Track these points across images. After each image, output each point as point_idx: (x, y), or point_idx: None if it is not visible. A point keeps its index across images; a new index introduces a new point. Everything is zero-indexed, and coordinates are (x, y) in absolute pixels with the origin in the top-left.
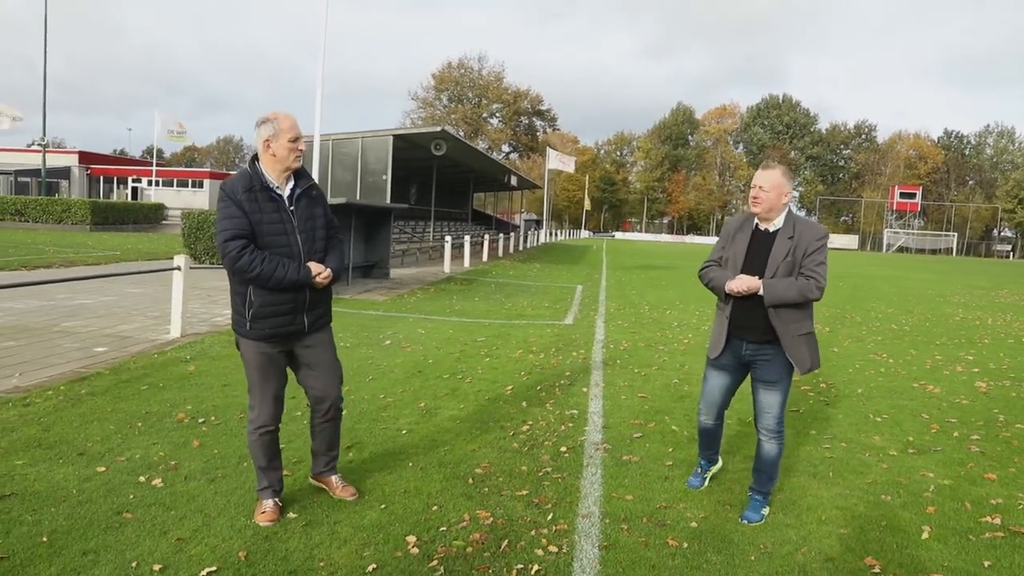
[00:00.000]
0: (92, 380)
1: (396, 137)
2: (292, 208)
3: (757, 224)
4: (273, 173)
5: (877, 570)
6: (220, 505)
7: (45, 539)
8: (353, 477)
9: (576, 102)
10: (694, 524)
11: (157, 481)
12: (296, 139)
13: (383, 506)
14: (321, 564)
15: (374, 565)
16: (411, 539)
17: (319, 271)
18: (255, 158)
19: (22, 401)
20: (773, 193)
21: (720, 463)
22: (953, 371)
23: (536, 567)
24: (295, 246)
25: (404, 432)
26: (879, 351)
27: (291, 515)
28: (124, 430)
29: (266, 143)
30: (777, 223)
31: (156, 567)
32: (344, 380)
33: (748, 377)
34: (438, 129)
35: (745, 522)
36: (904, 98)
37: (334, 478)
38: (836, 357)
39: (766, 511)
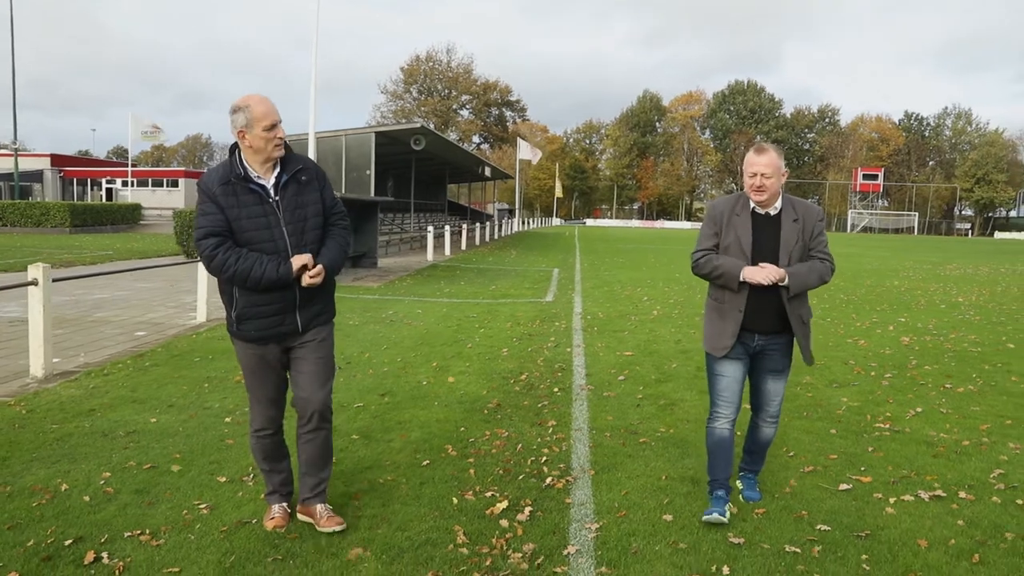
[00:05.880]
0: (149, 356)
1: (378, 134)
2: (276, 199)
3: (754, 208)
4: (254, 164)
5: (792, 454)
6: None
7: (178, 455)
8: (392, 414)
9: (547, 92)
10: (660, 432)
11: (241, 420)
12: (273, 126)
13: (423, 429)
14: (387, 463)
15: (427, 461)
16: (449, 447)
17: (302, 262)
18: (235, 147)
19: (101, 372)
20: (775, 178)
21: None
22: (885, 330)
23: (545, 458)
24: (280, 240)
25: (424, 383)
26: (824, 316)
27: (353, 436)
28: (196, 389)
29: (240, 134)
30: (777, 206)
31: None
32: (357, 352)
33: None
34: (418, 125)
35: (751, 503)
36: (872, 82)
37: (319, 507)
38: None
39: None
